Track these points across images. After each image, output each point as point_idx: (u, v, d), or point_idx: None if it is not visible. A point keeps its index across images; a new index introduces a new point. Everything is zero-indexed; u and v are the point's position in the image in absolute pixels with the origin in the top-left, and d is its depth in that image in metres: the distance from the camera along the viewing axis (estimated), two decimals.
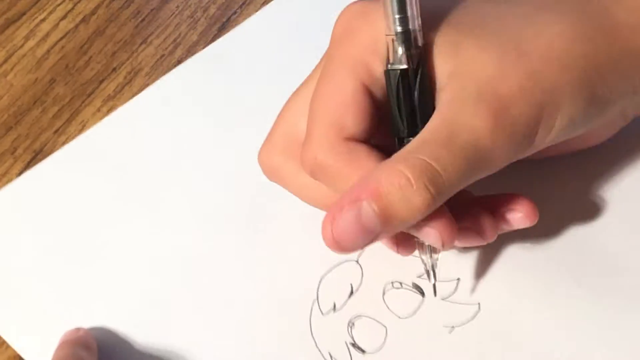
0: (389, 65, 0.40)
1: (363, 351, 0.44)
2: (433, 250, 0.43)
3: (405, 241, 0.43)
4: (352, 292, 0.46)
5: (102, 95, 0.56)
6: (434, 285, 0.44)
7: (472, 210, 0.42)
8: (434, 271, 0.44)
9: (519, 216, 0.43)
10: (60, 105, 0.55)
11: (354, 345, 0.44)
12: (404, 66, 0.39)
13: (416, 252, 0.44)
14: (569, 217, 0.46)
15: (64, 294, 0.47)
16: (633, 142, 0.48)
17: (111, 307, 0.46)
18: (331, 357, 0.44)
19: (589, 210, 0.47)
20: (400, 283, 0.46)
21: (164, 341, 0.45)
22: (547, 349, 0.43)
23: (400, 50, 0.40)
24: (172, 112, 0.54)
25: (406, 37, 0.39)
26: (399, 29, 0.39)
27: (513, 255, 0.46)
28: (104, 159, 0.52)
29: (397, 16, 0.39)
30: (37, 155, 0.53)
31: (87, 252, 0.49)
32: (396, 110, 0.40)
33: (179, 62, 0.56)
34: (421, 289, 0.45)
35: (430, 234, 0.40)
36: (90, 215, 0.50)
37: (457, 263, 0.46)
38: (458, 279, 0.45)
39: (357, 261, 0.46)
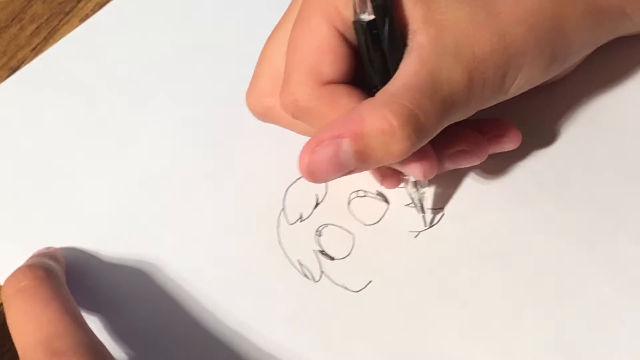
0: (356, 16, 0.40)
1: (332, 258, 0.46)
2: (420, 184, 0.44)
3: (390, 175, 0.44)
4: (317, 202, 0.47)
5: (79, 14, 0.56)
6: (424, 218, 0.46)
7: (466, 132, 0.44)
8: (422, 204, 0.45)
9: (507, 139, 0.45)
10: (38, 23, 0.56)
11: (323, 252, 0.46)
12: (371, 17, 0.39)
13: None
14: (531, 136, 0.47)
15: (31, 214, 0.48)
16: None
17: (79, 226, 0.48)
18: (300, 264, 0.45)
19: (549, 132, 0.48)
20: (365, 192, 0.47)
21: (132, 256, 0.47)
22: (510, 250, 0.45)
23: (367, 1, 0.40)
24: (140, 27, 0.55)
25: None
26: None
27: None
28: (71, 76, 0.53)
29: None
30: (13, 72, 0.53)
31: (54, 171, 0.50)
32: (367, 60, 0.41)
33: None
34: (385, 197, 0.47)
35: (412, 167, 0.41)
36: (56, 133, 0.51)
37: None
38: None
39: None
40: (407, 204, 0.46)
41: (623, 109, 0.48)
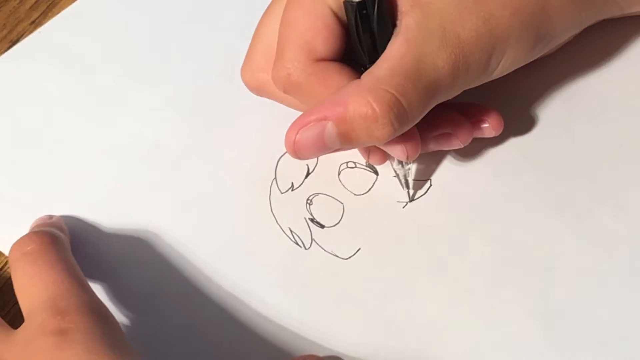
0: None
1: (322, 226, 0.47)
2: (405, 161, 0.46)
3: (376, 152, 0.46)
4: (308, 172, 0.48)
5: None
6: (408, 193, 0.47)
7: (452, 116, 0.45)
8: (407, 180, 0.47)
9: (486, 127, 0.46)
10: None
11: (313, 220, 0.47)
12: None
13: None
14: (517, 111, 0.49)
15: (30, 184, 0.49)
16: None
17: (77, 195, 0.49)
18: (291, 232, 0.47)
19: (534, 107, 0.49)
20: (355, 163, 0.48)
21: (129, 223, 0.48)
22: (495, 220, 0.46)
23: None
24: (131, 3, 0.55)
25: None
26: None
27: None
28: (69, 49, 0.54)
29: None
30: (13, 45, 0.54)
31: (52, 141, 0.51)
32: (356, 40, 0.42)
33: None
34: (374, 168, 0.48)
35: (396, 148, 0.43)
36: (54, 104, 0.52)
37: None
38: None
39: None
40: (395, 176, 0.48)
41: (607, 86, 0.49)
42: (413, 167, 0.48)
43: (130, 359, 0.38)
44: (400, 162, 0.46)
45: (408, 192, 0.47)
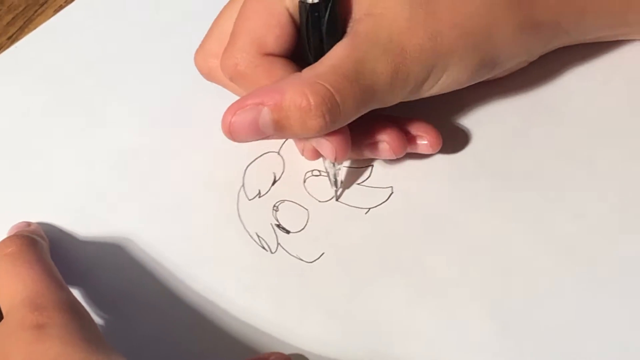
0: None
1: (287, 231, 0.49)
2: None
3: (310, 148, 0.47)
4: (275, 180, 0.50)
5: (54, 5, 0.59)
6: (336, 192, 0.49)
7: (388, 126, 0.47)
8: (336, 179, 0.48)
9: (424, 143, 0.48)
10: (14, 13, 0.59)
11: (279, 226, 0.49)
12: (316, 0, 0.42)
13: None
14: (475, 121, 0.51)
15: (7, 192, 0.51)
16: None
17: (52, 203, 0.50)
18: (258, 237, 0.49)
19: (492, 119, 0.51)
20: (319, 171, 0.50)
21: (102, 230, 0.49)
22: (453, 225, 0.48)
23: None
24: (108, 18, 0.57)
25: None
26: None
27: None
28: (45, 63, 0.55)
29: None
30: None
31: (29, 153, 0.52)
32: (305, 39, 0.44)
33: None
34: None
35: (326, 146, 0.44)
36: (31, 116, 0.53)
37: None
38: (372, 165, 0.50)
39: (278, 152, 0.50)
40: (359, 183, 0.50)
41: (562, 97, 0.50)
42: (344, 170, 0.49)
43: (105, 352, 0.39)
44: (332, 162, 0.47)
45: (336, 191, 0.49)
